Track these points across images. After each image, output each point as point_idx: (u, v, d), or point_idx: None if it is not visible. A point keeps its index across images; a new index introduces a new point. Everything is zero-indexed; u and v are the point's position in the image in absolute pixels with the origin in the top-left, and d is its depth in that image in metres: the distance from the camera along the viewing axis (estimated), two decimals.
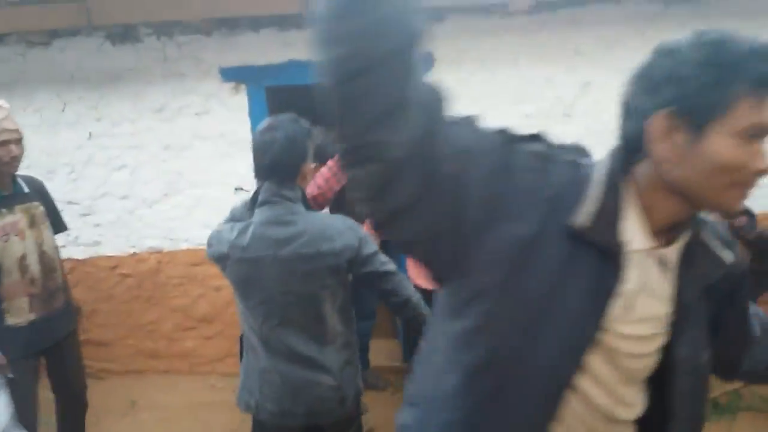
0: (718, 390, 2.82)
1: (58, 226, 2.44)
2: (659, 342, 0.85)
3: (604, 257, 0.78)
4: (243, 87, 3.27)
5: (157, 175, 3.35)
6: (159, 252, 3.41)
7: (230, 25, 3.19)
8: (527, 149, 0.80)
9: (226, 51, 3.22)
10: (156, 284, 3.44)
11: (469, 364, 0.81)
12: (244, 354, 1.72)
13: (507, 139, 0.80)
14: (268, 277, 1.56)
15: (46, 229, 2.27)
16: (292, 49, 3.20)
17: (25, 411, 2.09)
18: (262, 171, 1.59)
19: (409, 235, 0.78)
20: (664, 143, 0.76)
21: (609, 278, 0.78)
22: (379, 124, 0.70)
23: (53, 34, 3.19)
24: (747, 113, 0.71)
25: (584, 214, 0.77)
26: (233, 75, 3.24)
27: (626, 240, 0.79)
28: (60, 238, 3.32)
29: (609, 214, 0.78)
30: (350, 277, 1.66)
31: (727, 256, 0.86)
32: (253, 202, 1.63)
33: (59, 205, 3.27)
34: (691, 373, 0.87)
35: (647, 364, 0.86)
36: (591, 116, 3.18)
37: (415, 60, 0.71)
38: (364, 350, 3.23)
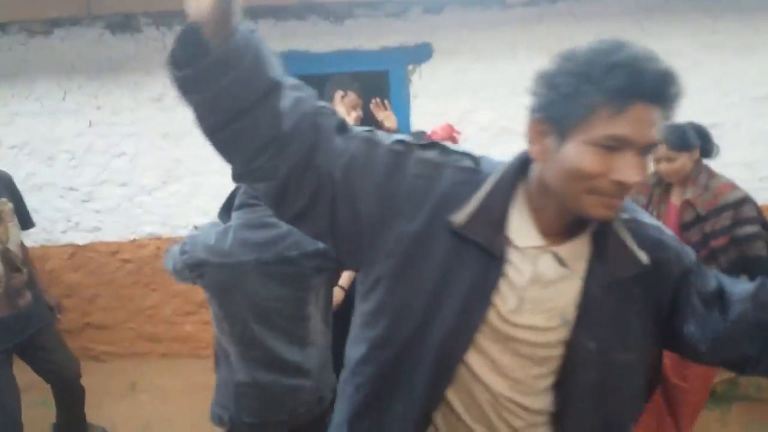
0: (715, 378, 2.74)
1: (26, 222, 2.36)
2: (562, 334, 0.86)
3: (487, 252, 0.84)
4: None
5: (156, 162, 3.38)
6: (158, 238, 3.46)
7: None
8: (420, 156, 0.88)
9: None
10: (155, 269, 3.48)
11: (371, 339, 0.92)
12: (216, 366, 1.66)
13: (401, 147, 0.88)
14: (251, 282, 1.50)
15: (13, 227, 2.19)
16: (291, 39, 3.20)
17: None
18: None
19: (314, 232, 0.90)
20: (537, 145, 0.81)
21: (492, 271, 0.84)
22: (259, 156, 0.80)
23: (54, 24, 3.21)
24: (603, 124, 0.73)
25: (462, 213, 0.84)
26: None
27: (511, 237, 0.85)
28: (60, 224, 3.42)
29: (490, 214, 0.84)
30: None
31: (642, 256, 0.86)
32: (229, 206, 1.59)
33: (60, 191, 3.38)
34: (595, 368, 0.86)
35: (551, 354, 0.87)
36: None
37: (282, 100, 0.78)
38: None
